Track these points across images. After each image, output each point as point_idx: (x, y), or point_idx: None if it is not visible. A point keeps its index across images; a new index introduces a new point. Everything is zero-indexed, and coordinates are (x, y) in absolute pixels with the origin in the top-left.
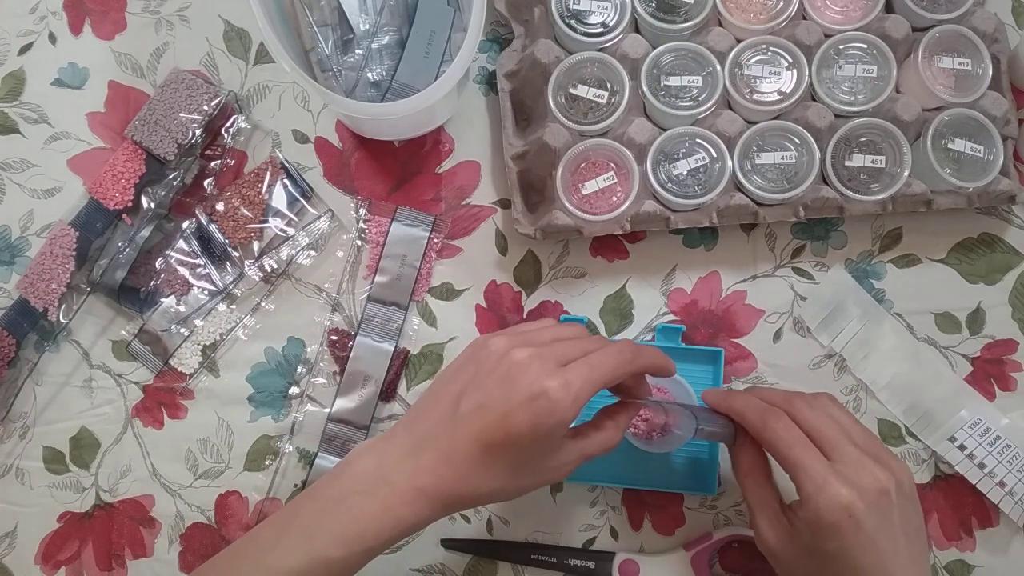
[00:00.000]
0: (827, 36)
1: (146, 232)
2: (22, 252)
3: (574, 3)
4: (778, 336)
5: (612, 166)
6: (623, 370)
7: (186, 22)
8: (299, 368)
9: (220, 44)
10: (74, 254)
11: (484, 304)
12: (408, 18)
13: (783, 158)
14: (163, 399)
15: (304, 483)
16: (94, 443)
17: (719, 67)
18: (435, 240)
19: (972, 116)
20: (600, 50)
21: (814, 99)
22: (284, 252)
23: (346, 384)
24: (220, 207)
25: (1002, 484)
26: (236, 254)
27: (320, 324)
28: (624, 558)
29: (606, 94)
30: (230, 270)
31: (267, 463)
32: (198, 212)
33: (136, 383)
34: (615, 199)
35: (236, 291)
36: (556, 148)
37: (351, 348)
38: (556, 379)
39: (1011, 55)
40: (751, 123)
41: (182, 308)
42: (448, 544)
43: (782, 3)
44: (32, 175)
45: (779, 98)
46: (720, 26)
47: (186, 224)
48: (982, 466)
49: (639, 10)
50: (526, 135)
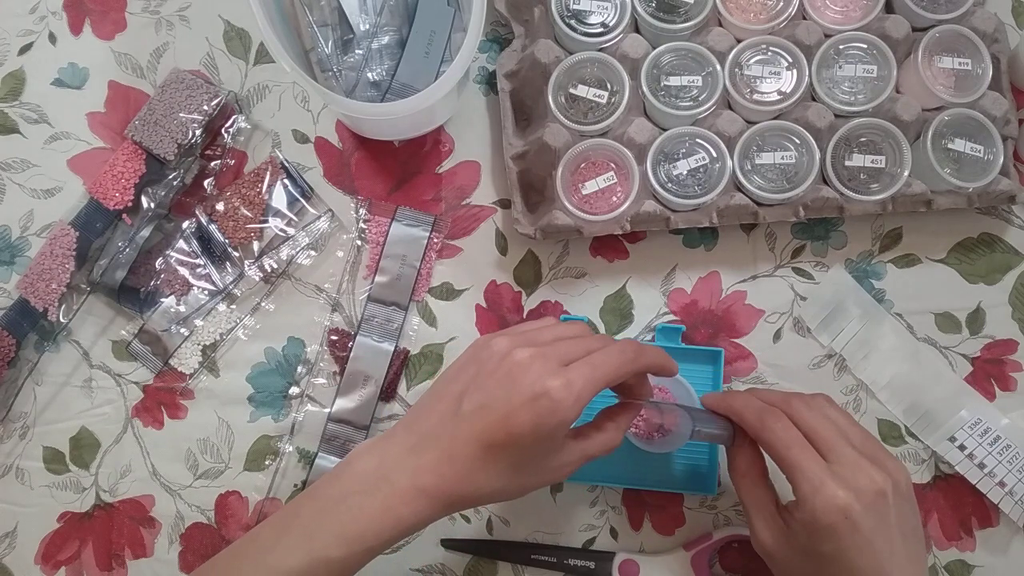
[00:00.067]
0: (827, 36)
1: (146, 232)
2: (22, 252)
3: (574, 3)
4: (778, 336)
5: (612, 166)
6: (625, 369)
7: (186, 22)
8: (299, 368)
9: (220, 44)
10: (74, 254)
11: (484, 304)
12: (408, 18)
13: (783, 158)
14: (163, 399)
15: (304, 483)
16: (94, 443)
17: (719, 67)
18: (435, 240)
19: (972, 116)
20: (600, 50)
21: (814, 99)
22: (284, 252)
23: (346, 384)
24: (220, 207)
25: (1002, 484)
26: (236, 254)
27: (320, 324)
28: (624, 558)
29: (606, 94)
30: (230, 270)
31: (267, 463)
32: (198, 212)
33: (136, 383)
34: (615, 199)
35: (236, 291)
36: (556, 148)
37: (351, 348)
38: (558, 379)
39: (1011, 55)
40: (751, 123)
41: (182, 308)
42: (448, 544)
43: (782, 3)
44: (32, 175)
45: (779, 98)
46: (720, 26)
47: (186, 224)
48: (982, 466)
49: (639, 10)
50: (526, 135)
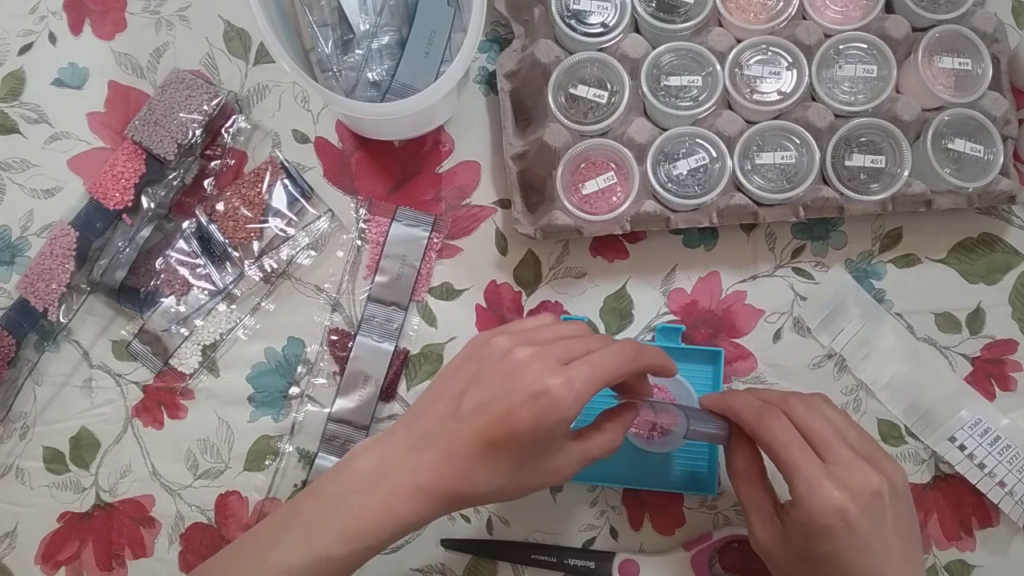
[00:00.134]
0: (827, 36)
1: (146, 232)
2: (22, 252)
3: (574, 3)
4: (778, 336)
5: (612, 166)
6: (625, 369)
7: (186, 22)
8: (299, 368)
9: (220, 44)
10: (74, 254)
11: (484, 304)
12: (408, 18)
13: (783, 158)
14: (163, 399)
15: (304, 483)
16: (94, 443)
17: (719, 67)
18: (435, 240)
19: (972, 116)
20: (600, 50)
21: (814, 99)
22: (284, 252)
23: (346, 384)
24: (220, 207)
25: (1002, 484)
26: (236, 254)
27: (320, 324)
28: (624, 558)
29: (606, 94)
30: (230, 270)
31: (267, 463)
32: (198, 212)
33: (136, 383)
34: (615, 199)
35: (236, 291)
36: (556, 148)
37: (351, 348)
38: (558, 377)
39: (1011, 55)
40: (751, 123)
41: (182, 308)
42: (448, 544)
43: (782, 3)
44: (32, 175)
45: (779, 98)
46: (720, 26)
47: (186, 224)
48: (982, 466)
49: (639, 10)
50: (526, 135)
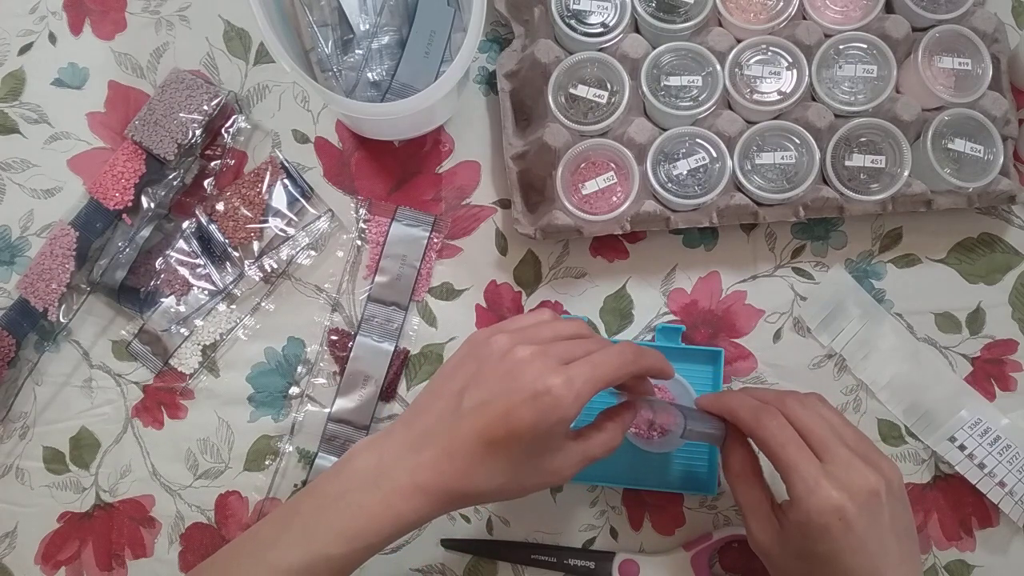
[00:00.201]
0: (827, 36)
1: (146, 232)
2: (22, 252)
3: (574, 3)
4: (778, 336)
5: (612, 166)
6: (625, 370)
7: (186, 22)
8: (299, 368)
9: (220, 44)
10: (74, 254)
11: (484, 304)
12: (408, 18)
13: (783, 158)
14: (163, 399)
15: (304, 483)
16: (94, 443)
17: (719, 67)
18: (435, 240)
19: (972, 116)
20: (600, 50)
21: (814, 99)
22: (284, 252)
23: (346, 384)
24: (220, 207)
25: (1002, 484)
26: (236, 254)
27: (320, 324)
28: (624, 558)
29: (606, 94)
30: (230, 270)
31: (267, 463)
32: (198, 212)
33: (136, 383)
34: (615, 199)
35: (236, 291)
36: (556, 148)
37: (351, 348)
38: (559, 376)
39: (1011, 55)
40: (751, 123)
41: (182, 308)
42: (448, 544)
43: (782, 3)
44: (32, 175)
45: (779, 98)
46: (720, 26)
47: (186, 224)
48: (982, 466)
49: (639, 10)
50: (526, 135)
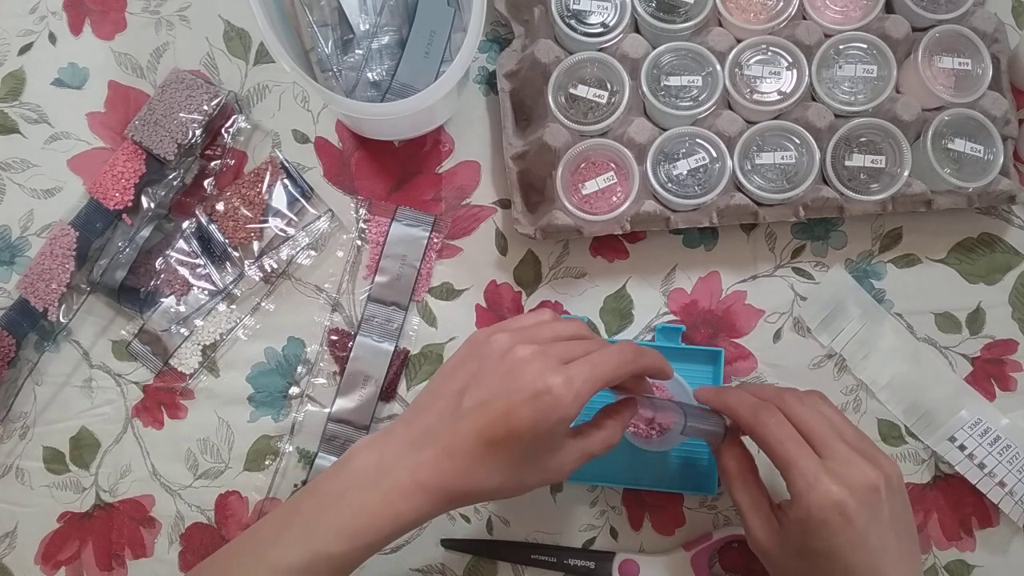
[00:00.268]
0: (827, 36)
1: (146, 232)
2: (22, 252)
3: (574, 3)
4: (778, 336)
5: (612, 166)
6: (624, 370)
7: (186, 22)
8: (299, 368)
9: (220, 44)
10: (74, 254)
11: (484, 304)
12: (408, 18)
13: (783, 158)
14: (163, 399)
15: (304, 483)
16: (94, 443)
17: (719, 67)
18: (435, 240)
19: (972, 116)
20: (600, 50)
21: (814, 99)
22: (284, 252)
23: (346, 384)
24: (220, 207)
25: (1002, 484)
26: (236, 254)
27: (320, 324)
28: (624, 558)
29: (606, 94)
30: (230, 270)
31: (267, 463)
32: (198, 212)
33: (136, 383)
34: (615, 199)
35: (236, 291)
36: (556, 148)
37: (351, 348)
38: (559, 376)
39: (1011, 55)
40: (751, 123)
41: (182, 308)
42: (448, 544)
43: (782, 3)
44: (32, 175)
45: (779, 98)
46: (720, 26)
47: (186, 224)
48: (982, 466)
49: (639, 10)
50: (526, 135)
